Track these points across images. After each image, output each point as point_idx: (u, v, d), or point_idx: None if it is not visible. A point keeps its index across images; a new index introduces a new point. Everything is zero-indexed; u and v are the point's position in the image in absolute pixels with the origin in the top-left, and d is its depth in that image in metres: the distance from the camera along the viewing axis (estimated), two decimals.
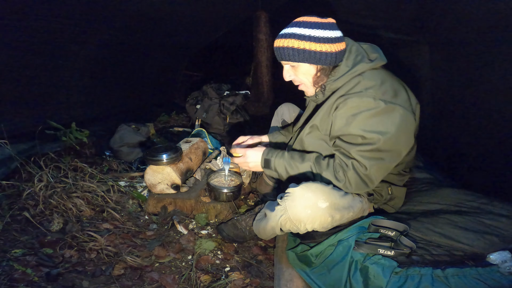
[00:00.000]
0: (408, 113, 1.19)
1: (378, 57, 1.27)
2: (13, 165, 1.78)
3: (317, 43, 1.20)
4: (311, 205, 1.16)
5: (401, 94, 1.21)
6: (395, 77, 1.30)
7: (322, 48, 1.20)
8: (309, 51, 1.21)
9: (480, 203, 1.44)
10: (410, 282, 1.04)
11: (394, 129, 1.17)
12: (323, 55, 1.21)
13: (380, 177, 1.24)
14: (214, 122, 3.15)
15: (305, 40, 1.20)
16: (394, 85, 1.23)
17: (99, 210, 1.68)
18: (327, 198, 1.17)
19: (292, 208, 1.18)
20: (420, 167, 1.89)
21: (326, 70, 1.26)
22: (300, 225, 1.20)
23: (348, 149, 1.21)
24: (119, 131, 2.42)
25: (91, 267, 1.32)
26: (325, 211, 1.17)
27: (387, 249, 1.15)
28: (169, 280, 1.30)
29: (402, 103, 1.19)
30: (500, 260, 1.05)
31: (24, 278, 1.19)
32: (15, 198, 1.65)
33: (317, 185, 1.18)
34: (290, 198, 1.19)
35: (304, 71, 1.28)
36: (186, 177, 1.82)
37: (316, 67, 1.26)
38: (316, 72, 1.27)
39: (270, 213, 1.29)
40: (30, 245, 1.37)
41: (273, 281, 1.36)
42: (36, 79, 2.04)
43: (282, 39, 1.24)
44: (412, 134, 1.24)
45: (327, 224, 1.21)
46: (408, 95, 1.24)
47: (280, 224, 1.25)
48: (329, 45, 1.20)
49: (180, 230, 1.62)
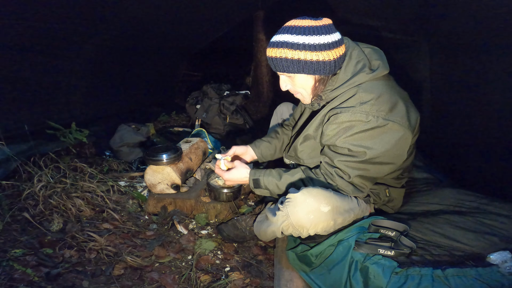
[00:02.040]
0: (403, 128, 1.14)
1: (381, 65, 1.20)
2: (12, 166, 1.78)
3: (313, 52, 1.10)
4: (314, 210, 1.13)
5: (398, 109, 1.15)
6: (396, 87, 1.25)
7: (319, 57, 1.10)
8: (305, 62, 1.11)
9: (480, 203, 1.44)
10: (410, 282, 1.04)
11: (383, 146, 1.14)
12: (320, 65, 1.12)
13: (367, 184, 1.23)
14: (214, 122, 3.15)
15: (299, 49, 1.10)
16: (392, 98, 1.15)
17: (99, 210, 1.68)
18: (329, 202, 1.15)
19: (294, 214, 1.15)
20: (420, 167, 1.89)
21: (325, 79, 1.20)
22: (302, 230, 1.18)
23: (333, 158, 1.20)
24: (119, 131, 2.42)
25: (91, 267, 1.32)
26: (327, 215, 1.15)
27: (387, 249, 1.15)
28: (169, 280, 1.30)
29: (397, 119, 1.13)
30: (500, 260, 1.05)
31: (24, 278, 1.19)
32: (15, 198, 1.65)
33: (318, 189, 1.15)
34: (291, 204, 1.16)
35: (301, 82, 1.20)
36: (186, 177, 1.82)
37: (314, 78, 1.18)
38: (314, 82, 1.19)
39: (271, 217, 1.26)
40: (30, 245, 1.37)
41: (273, 281, 1.36)
42: (36, 80, 2.04)
43: (274, 49, 1.14)
44: (405, 149, 1.19)
45: (330, 228, 1.20)
46: (406, 108, 1.17)
47: (282, 229, 1.22)
48: (327, 53, 1.10)
49: (180, 230, 1.62)
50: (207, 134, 2.44)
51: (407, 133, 1.15)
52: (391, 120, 1.12)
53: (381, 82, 1.19)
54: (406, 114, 1.16)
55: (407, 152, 1.22)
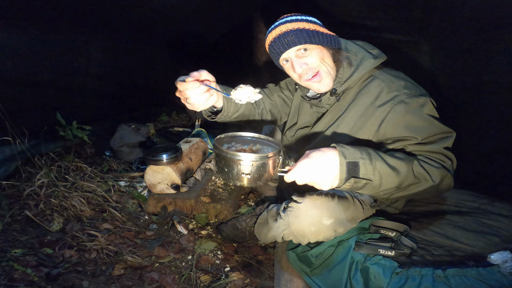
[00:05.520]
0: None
1: (379, 52, 1.23)
2: (13, 165, 1.78)
3: (321, 27, 1.15)
4: (316, 223, 1.13)
5: (415, 83, 1.20)
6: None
7: (325, 30, 1.15)
8: (321, 33, 1.13)
9: (481, 203, 1.44)
10: (411, 282, 1.04)
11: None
12: (331, 37, 1.15)
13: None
14: None
15: (312, 23, 1.13)
16: (406, 77, 1.21)
17: (99, 210, 1.68)
18: (332, 215, 1.14)
19: (296, 225, 1.15)
20: None
21: (336, 56, 1.18)
22: (303, 240, 1.19)
23: (435, 150, 1.08)
24: (119, 131, 2.42)
25: (91, 267, 1.32)
26: (329, 227, 1.15)
27: (388, 249, 1.15)
28: (169, 280, 1.30)
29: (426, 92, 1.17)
30: (501, 260, 1.05)
31: (24, 278, 1.19)
32: (15, 198, 1.64)
33: (322, 200, 1.14)
34: (293, 214, 1.15)
35: (322, 55, 1.15)
36: (186, 177, 1.81)
37: (329, 52, 1.17)
38: (331, 56, 1.18)
39: (272, 223, 1.26)
40: (30, 245, 1.37)
41: (273, 281, 1.36)
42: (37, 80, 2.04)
43: (287, 24, 1.12)
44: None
45: (330, 237, 1.20)
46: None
47: (283, 236, 1.23)
48: (328, 30, 1.17)
49: (180, 230, 1.62)
50: (207, 134, 2.44)
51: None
52: (427, 95, 1.16)
53: (387, 69, 1.22)
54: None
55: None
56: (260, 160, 0.94)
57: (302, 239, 1.19)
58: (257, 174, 0.96)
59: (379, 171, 0.96)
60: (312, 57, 1.15)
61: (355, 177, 0.96)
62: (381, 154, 0.99)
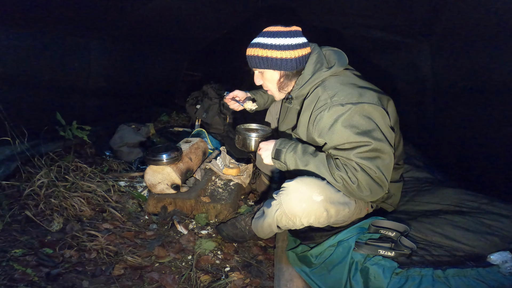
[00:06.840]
0: (378, 107, 1.22)
1: (336, 62, 1.33)
2: (13, 165, 1.78)
3: (278, 51, 1.30)
4: (306, 199, 1.18)
5: (366, 93, 1.24)
6: (359, 79, 1.35)
7: (282, 55, 1.30)
8: (271, 58, 1.31)
9: (481, 203, 1.44)
10: (411, 282, 1.04)
11: (371, 125, 1.18)
12: (283, 62, 1.31)
13: (388, 176, 1.21)
14: (214, 122, 3.14)
15: (267, 49, 1.31)
16: (356, 86, 1.27)
17: (99, 210, 1.68)
18: (322, 192, 1.18)
19: (287, 202, 1.21)
20: (420, 167, 1.89)
21: (289, 75, 1.36)
22: (295, 220, 1.22)
23: (347, 156, 1.19)
24: (119, 131, 2.42)
25: (91, 267, 1.32)
26: (320, 205, 1.18)
27: (388, 250, 1.15)
28: (169, 280, 1.30)
29: (370, 100, 1.22)
30: (501, 260, 1.05)
31: (24, 278, 1.19)
32: (15, 198, 1.64)
33: (312, 179, 1.20)
34: (285, 192, 1.22)
35: (269, 77, 1.39)
36: (186, 177, 1.82)
37: (279, 73, 1.36)
38: (279, 77, 1.37)
39: (267, 209, 1.32)
40: (30, 245, 1.37)
41: (273, 281, 1.36)
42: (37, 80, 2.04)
43: (250, 48, 1.37)
44: (389, 126, 1.26)
45: (323, 219, 1.22)
46: (374, 93, 1.26)
47: (276, 220, 1.27)
48: (289, 52, 1.30)
49: (180, 230, 1.62)
50: (207, 134, 2.44)
51: (383, 111, 1.24)
52: (365, 102, 1.20)
53: (341, 76, 1.33)
54: (375, 96, 1.25)
55: (393, 131, 1.29)
56: (256, 138, 1.56)
57: (294, 219, 1.22)
58: (254, 146, 1.56)
59: (291, 159, 1.30)
60: (264, 78, 1.42)
61: (276, 159, 1.34)
62: (302, 149, 1.30)
